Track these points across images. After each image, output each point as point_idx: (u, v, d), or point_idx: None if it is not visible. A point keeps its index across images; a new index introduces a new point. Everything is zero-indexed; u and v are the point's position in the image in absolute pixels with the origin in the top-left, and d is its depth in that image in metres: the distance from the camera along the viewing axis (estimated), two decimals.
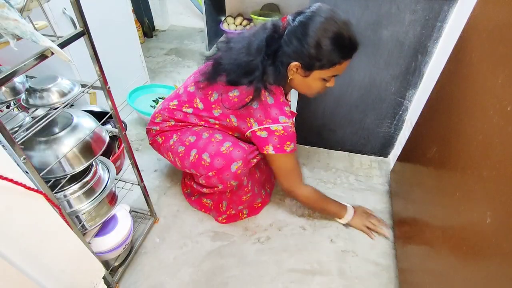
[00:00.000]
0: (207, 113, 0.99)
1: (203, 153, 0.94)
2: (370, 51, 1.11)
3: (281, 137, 0.90)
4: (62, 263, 0.69)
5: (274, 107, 0.89)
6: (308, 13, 0.81)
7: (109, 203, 0.88)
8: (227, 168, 0.92)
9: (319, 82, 0.88)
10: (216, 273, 1.00)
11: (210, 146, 0.95)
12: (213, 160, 0.93)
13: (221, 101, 0.94)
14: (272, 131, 0.89)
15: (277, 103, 0.89)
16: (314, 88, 0.91)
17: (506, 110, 0.54)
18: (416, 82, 1.15)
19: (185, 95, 1.02)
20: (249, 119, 0.92)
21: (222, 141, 0.95)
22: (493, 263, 0.51)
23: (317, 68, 0.84)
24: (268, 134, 0.90)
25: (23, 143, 0.60)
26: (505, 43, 0.59)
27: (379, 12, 1.02)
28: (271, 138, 0.90)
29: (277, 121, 0.89)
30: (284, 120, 0.89)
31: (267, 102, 0.88)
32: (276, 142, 0.90)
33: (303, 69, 0.85)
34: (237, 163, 0.92)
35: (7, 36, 0.50)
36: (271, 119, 0.89)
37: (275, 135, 0.90)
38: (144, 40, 2.44)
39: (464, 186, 0.64)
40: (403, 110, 1.24)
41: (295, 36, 0.81)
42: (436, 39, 1.03)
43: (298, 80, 0.90)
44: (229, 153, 0.92)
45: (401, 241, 1.01)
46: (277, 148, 0.91)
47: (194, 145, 0.97)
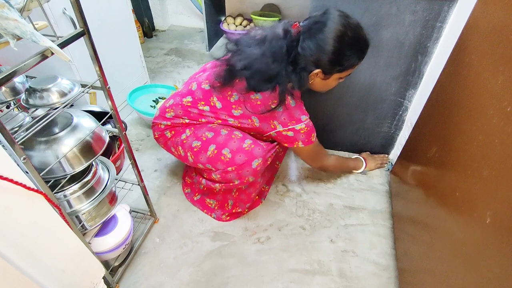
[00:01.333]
0: (226, 113, 1.01)
1: (223, 149, 0.97)
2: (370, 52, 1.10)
3: (307, 133, 0.99)
4: (62, 263, 0.69)
5: (296, 109, 0.95)
6: (322, 20, 0.83)
7: (109, 203, 0.88)
8: (249, 164, 0.95)
9: (337, 81, 0.94)
10: (216, 273, 1.00)
11: (232, 142, 0.97)
12: (234, 155, 0.96)
13: (243, 103, 0.97)
14: (297, 130, 0.97)
15: (298, 105, 0.96)
16: (331, 86, 0.97)
17: (506, 111, 0.54)
18: (416, 82, 1.15)
19: (200, 93, 1.02)
20: (273, 121, 0.97)
21: (242, 138, 0.99)
22: (493, 263, 0.51)
23: (336, 72, 0.89)
24: (295, 133, 0.98)
25: (23, 143, 0.60)
26: (505, 43, 0.59)
27: (379, 13, 1.02)
28: (298, 135, 0.99)
29: (300, 121, 0.97)
30: (305, 118, 0.98)
31: (290, 105, 0.94)
32: (304, 137, 1.00)
33: (323, 74, 0.89)
34: (257, 160, 0.95)
35: (7, 36, 0.50)
36: (295, 120, 0.96)
37: (301, 133, 0.98)
38: (144, 40, 2.44)
39: (464, 186, 0.65)
40: (403, 110, 1.24)
41: (313, 44, 0.83)
42: (436, 39, 1.03)
43: (317, 82, 0.94)
44: (251, 150, 0.96)
45: (401, 241, 1.02)
46: (306, 142, 1.01)
47: (212, 141, 0.99)
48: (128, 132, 1.54)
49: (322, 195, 1.26)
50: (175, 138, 1.07)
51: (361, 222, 1.16)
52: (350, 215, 1.18)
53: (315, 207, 1.21)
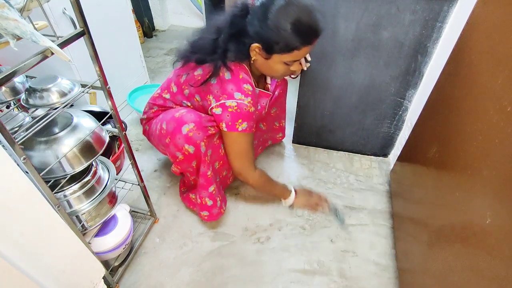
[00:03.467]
0: (180, 95, 1.01)
1: (163, 122, 0.97)
2: (370, 52, 1.11)
3: (234, 113, 0.89)
4: (62, 263, 0.69)
5: (230, 83, 0.89)
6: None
7: (109, 203, 0.88)
8: (179, 130, 0.92)
9: (281, 65, 0.89)
10: (216, 273, 1.00)
11: (168, 115, 0.97)
12: (167, 125, 0.95)
13: (187, 80, 0.97)
14: (226, 107, 0.89)
15: (234, 79, 0.89)
16: (277, 71, 0.92)
17: (506, 111, 0.54)
18: (416, 82, 1.15)
19: (165, 82, 1.07)
20: (209, 96, 0.92)
21: (180, 109, 0.97)
22: (493, 263, 0.51)
23: (277, 52, 0.85)
24: (222, 110, 0.90)
25: (23, 143, 0.60)
26: (505, 43, 0.59)
27: (379, 13, 1.02)
28: (224, 114, 0.90)
29: (232, 97, 0.88)
30: (240, 97, 0.89)
31: (224, 77, 0.89)
32: (228, 119, 0.90)
33: (264, 51, 0.86)
34: (188, 125, 0.91)
35: (7, 36, 0.50)
36: (227, 94, 0.89)
37: (228, 111, 0.89)
38: (144, 40, 2.43)
39: (464, 186, 0.65)
40: (403, 111, 1.24)
41: (256, 17, 0.83)
42: (436, 39, 1.03)
43: (260, 62, 0.91)
44: (181, 116, 0.93)
45: (401, 241, 1.02)
46: (229, 125, 0.91)
47: (160, 120, 1.01)
48: (128, 132, 1.54)
49: None
50: (150, 131, 1.09)
51: (361, 222, 1.16)
52: (350, 215, 1.18)
53: None
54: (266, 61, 0.89)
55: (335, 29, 1.08)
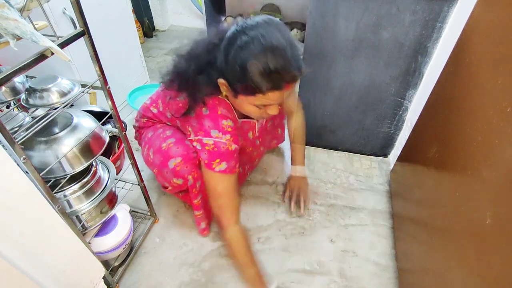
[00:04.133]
0: (164, 115, 1.00)
1: (150, 149, 0.95)
2: (370, 53, 1.11)
3: (211, 152, 0.82)
4: (62, 263, 0.69)
5: (207, 118, 0.82)
6: (244, 25, 0.72)
7: (109, 203, 0.88)
8: (165, 165, 0.90)
9: (252, 107, 0.78)
10: (216, 273, 1.00)
11: (156, 142, 0.95)
12: (154, 156, 0.93)
13: (170, 104, 0.95)
14: (204, 144, 0.83)
15: (212, 115, 0.82)
16: (249, 112, 0.81)
17: (506, 111, 0.54)
18: (416, 82, 1.15)
19: (155, 95, 1.05)
20: (188, 127, 0.89)
21: (168, 137, 0.94)
22: (493, 263, 0.51)
23: (240, 93, 0.75)
24: (201, 146, 0.84)
25: (23, 143, 0.60)
26: (505, 43, 0.59)
27: (379, 13, 1.02)
28: (202, 151, 0.84)
29: (209, 135, 0.82)
30: (217, 135, 0.82)
31: (202, 112, 0.83)
32: (206, 156, 0.83)
33: (230, 89, 0.77)
34: (175, 160, 0.89)
35: (7, 36, 0.50)
36: (203, 131, 0.83)
37: (205, 150, 0.83)
38: (144, 40, 2.43)
39: (464, 186, 0.65)
40: (403, 111, 1.24)
41: (222, 50, 0.74)
42: (436, 39, 1.03)
43: (231, 99, 0.82)
44: (168, 149, 0.90)
45: (401, 241, 1.02)
46: (205, 164, 0.84)
47: (148, 141, 0.99)
48: (128, 132, 1.53)
49: (322, 195, 1.26)
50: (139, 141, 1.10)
51: (361, 222, 1.16)
52: (350, 215, 1.18)
53: (315, 207, 1.21)
54: (235, 100, 0.79)
55: (335, 29, 1.08)
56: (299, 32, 2.22)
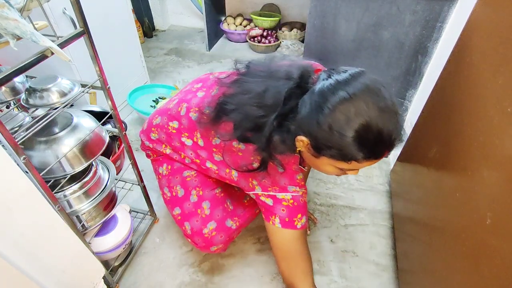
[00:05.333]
0: (207, 154, 0.82)
1: (186, 222, 0.86)
2: (370, 52, 1.11)
3: (291, 208, 0.73)
4: (62, 263, 0.69)
5: (283, 177, 0.73)
6: (340, 80, 0.59)
7: (109, 203, 0.88)
8: (207, 248, 0.86)
9: (332, 168, 0.65)
10: (216, 273, 1.00)
11: (194, 220, 0.85)
12: (193, 236, 0.85)
13: (223, 150, 0.77)
14: (279, 199, 0.73)
15: (288, 173, 0.73)
16: (327, 171, 0.69)
17: (506, 111, 0.54)
18: (416, 82, 1.15)
19: (186, 121, 0.83)
20: (252, 180, 0.76)
21: (208, 217, 0.84)
22: (493, 263, 0.51)
23: (327, 156, 0.62)
24: (274, 202, 0.74)
25: (23, 143, 0.60)
26: (506, 43, 0.59)
27: (379, 14, 1.02)
28: (277, 208, 0.74)
29: (286, 190, 0.73)
30: (294, 189, 0.73)
31: (276, 169, 0.71)
32: (284, 214, 0.73)
33: (312, 148, 0.63)
34: (217, 247, 0.85)
35: (7, 36, 0.50)
36: (279, 187, 0.73)
37: (282, 205, 0.73)
38: (144, 40, 2.43)
39: (464, 187, 0.64)
40: (403, 111, 1.24)
41: (310, 105, 0.60)
42: (436, 39, 1.03)
43: (307, 156, 0.68)
44: (211, 237, 0.84)
45: (401, 241, 1.01)
46: (285, 222, 0.73)
47: (179, 203, 0.88)
48: (128, 132, 1.54)
49: (322, 195, 1.26)
50: (154, 164, 0.99)
51: (361, 222, 1.16)
52: (350, 215, 1.18)
53: (315, 207, 1.21)
54: (312, 157, 0.66)
55: (335, 29, 1.08)
56: (299, 32, 2.22)
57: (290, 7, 2.33)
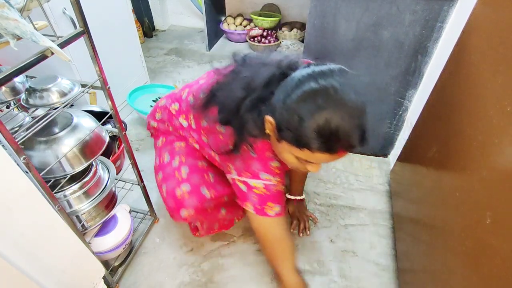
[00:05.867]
0: (197, 136, 0.89)
1: (163, 185, 0.88)
2: (370, 52, 1.11)
3: (262, 196, 0.75)
4: (62, 263, 0.69)
5: (255, 161, 0.74)
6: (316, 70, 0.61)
7: (109, 203, 0.88)
8: (177, 212, 0.84)
9: (292, 157, 0.65)
10: (216, 273, 1.00)
11: (170, 181, 0.87)
12: (167, 197, 0.86)
13: (207, 131, 0.83)
14: (251, 186, 0.75)
15: (260, 158, 0.74)
16: (287, 160, 0.68)
17: (506, 111, 0.54)
18: (416, 82, 1.15)
19: (185, 104, 0.89)
20: (229, 164, 0.78)
21: (184, 180, 0.85)
22: (493, 263, 0.51)
23: (286, 140, 0.62)
24: (247, 188, 0.76)
25: (23, 143, 0.60)
26: (505, 43, 0.59)
27: (379, 13, 1.02)
28: (250, 194, 0.76)
29: (258, 177, 0.74)
30: (267, 177, 0.74)
31: (249, 154, 0.74)
32: (256, 201, 0.76)
33: (276, 131, 0.63)
34: (187, 210, 0.83)
35: (7, 36, 0.50)
36: (251, 173, 0.75)
37: (254, 192, 0.75)
38: (144, 40, 2.43)
39: (464, 186, 0.65)
40: (403, 110, 1.24)
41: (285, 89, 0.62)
42: (436, 39, 1.03)
43: (273, 141, 0.69)
44: (182, 199, 0.83)
45: (401, 241, 1.02)
46: (257, 209, 0.76)
47: (163, 168, 0.91)
48: (128, 132, 1.54)
49: (322, 195, 1.26)
50: (154, 139, 1.03)
51: (361, 222, 1.16)
52: (350, 215, 1.18)
53: (315, 207, 1.21)
54: (277, 143, 0.66)
55: (335, 29, 1.08)
56: (299, 32, 2.22)
57: (290, 7, 2.33)
